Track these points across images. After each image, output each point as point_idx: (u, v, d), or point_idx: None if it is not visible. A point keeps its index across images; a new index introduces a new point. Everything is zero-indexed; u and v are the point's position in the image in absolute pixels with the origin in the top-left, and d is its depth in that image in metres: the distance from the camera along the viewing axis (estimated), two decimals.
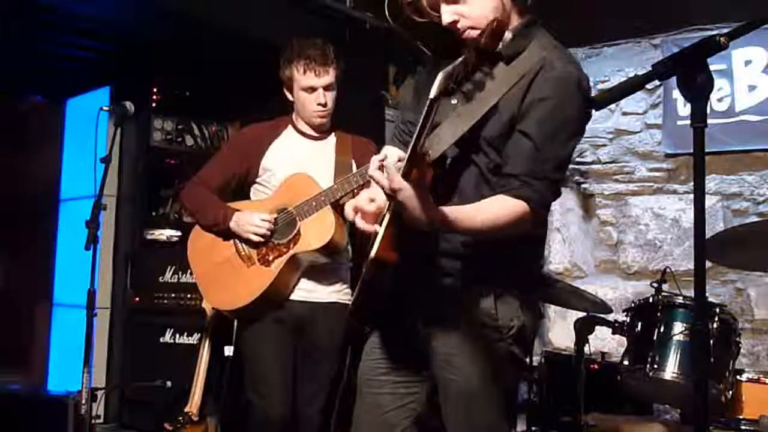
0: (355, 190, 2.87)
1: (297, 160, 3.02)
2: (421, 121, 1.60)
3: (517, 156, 1.82)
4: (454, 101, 1.91)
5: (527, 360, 2.00)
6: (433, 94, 1.57)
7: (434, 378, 1.96)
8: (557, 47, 1.92)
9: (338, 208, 2.89)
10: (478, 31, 1.89)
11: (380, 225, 1.77)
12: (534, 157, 1.80)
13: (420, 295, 1.94)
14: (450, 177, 1.88)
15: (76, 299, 4.36)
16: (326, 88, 2.99)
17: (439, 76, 1.59)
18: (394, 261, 1.76)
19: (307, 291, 2.98)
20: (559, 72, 1.83)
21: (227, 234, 2.98)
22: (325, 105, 3.00)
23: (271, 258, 2.94)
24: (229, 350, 3.12)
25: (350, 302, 3.04)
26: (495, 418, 1.91)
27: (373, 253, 1.75)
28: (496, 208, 1.80)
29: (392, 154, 1.87)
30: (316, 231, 2.89)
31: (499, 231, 1.79)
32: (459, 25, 1.90)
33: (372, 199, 1.88)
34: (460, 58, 1.62)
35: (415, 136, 1.62)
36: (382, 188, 1.70)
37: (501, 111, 1.85)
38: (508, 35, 1.91)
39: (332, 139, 3.11)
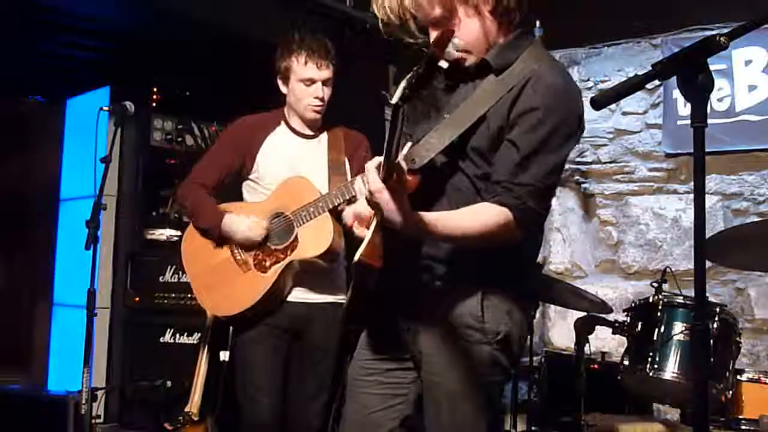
0: (354, 198, 2.87)
1: (290, 159, 3.01)
2: (389, 128, 1.61)
3: (501, 164, 1.83)
4: (445, 114, 1.93)
5: (511, 368, 1.98)
6: (394, 99, 1.58)
7: (421, 379, 1.97)
8: (548, 60, 1.93)
9: (336, 214, 2.89)
10: (465, 54, 1.91)
11: (367, 229, 1.81)
12: (517, 164, 1.81)
13: (408, 298, 1.95)
14: (438, 184, 1.89)
15: (76, 299, 4.36)
16: (324, 82, 2.98)
17: (402, 84, 1.59)
18: (377, 265, 1.79)
19: (303, 292, 2.97)
20: (547, 83, 1.84)
21: (221, 239, 2.98)
22: (322, 99, 2.98)
23: (267, 264, 2.92)
24: (224, 355, 3.12)
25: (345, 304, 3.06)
26: (472, 421, 1.91)
27: (356, 256, 1.78)
28: (479, 214, 1.80)
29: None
30: (315, 238, 2.87)
31: (482, 238, 1.80)
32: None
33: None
34: (415, 68, 1.64)
35: (386, 142, 1.62)
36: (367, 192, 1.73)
37: (489, 121, 1.86)
38: (495, 49, 1.93)
39: (324, 136, 3.09)
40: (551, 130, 1.82)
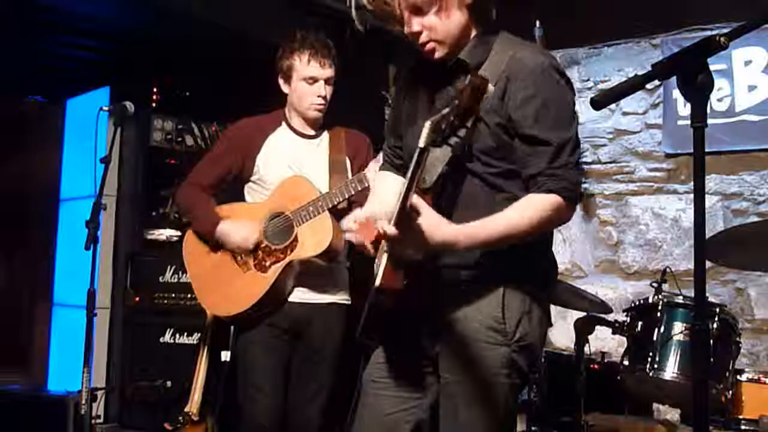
0: (353, 197, 2.87)
1: (291, 159, 3.01)
2: (411, 169, 1.61)
3: (531, 158, 1.85)
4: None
5: (529, 370, 1.98)
6: (422, 143, 1.59)
7: (438, 380, 1.96)
8: (519, 44, 1.93)
9: (336, 212, 2.89)
10: (438, 46, 1.90)
11: (381, 254, 1.79)
12: (547, 152, 1.83)
13: (427, 302, 1.93)
14: (450, 193, 1.89)
15: (76, 299, 4.36)
16: (327, 81, 2.98)
17: (427, 126, 1.60)
18: (397, 288, 1.78)
19: (304, 292, 2.97)
20: (532, 67, 1.85)
21: (216, 244, 2.99)
22: (324, 98, 2.99)
23: (267, 264, 2.92)
24: (226, 355, 3.12)
25: (347, 302, 3.06)
26: (488, 422, 1.91)
27: (377, 283, 1.77)
28: (529, 207, 1.81)
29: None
30: (314, 237, 2.87)
31: (538, 228, 1.81)
32: (422, 38, 1.91)
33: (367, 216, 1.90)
34: (446, 109, 1.63)
35: (407, 182, 1.62)
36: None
37: (486, 121, 1.85)
38: (465, 49, 1.93)
39: (325, 136, 3.09)
40: (559, 108, 1.85)
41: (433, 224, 1.69)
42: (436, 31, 1.90)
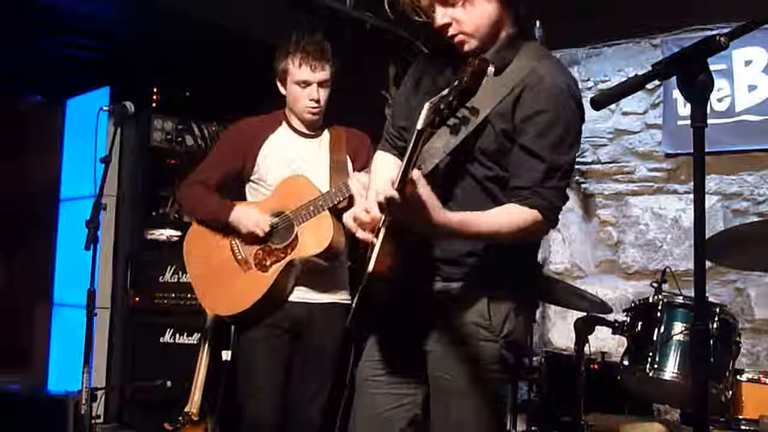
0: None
1: (292, 159, 3.01)
2: (409, 150, 1.62)
3: (523, 170, 1.85)
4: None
5: (516, 366, 2.01)
6: (420, 125, 1.59)
7: (428, 378, 1.98)
8: (545, 57, 1.93)
9: (336, 212, 2.89)
10: (467, 38, 1.90)
11: (376, 238, 1.80)
12: (540, 169, 1.83)
13: (417, 300, 1.95)
14: (444, 187, 1.89)
15: (76, 299, 4.36)
16: (320, 84, 2.97)
17: (426, 107, 1.60)
18: (390, 274, 1.79)
19: (304, 292, 2.97)
20: (550, 84, 1.85)
21: (225, 228, 2.97)
22: (318, 101, 2.98)
23: (268, 263, 2.92)
24: (226, 355, 3.12)
25: (348, 302, 3.06)
26: (479, 417, 1.93)
27: (369, 268, 1.78)
28: (511, 215, 1.83)
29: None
30: (315, 236, 2.87)
31: (513, 237, 1.83)
32: (451, 30, 1.91)
33: (368, 210, 1.88)
34: (445, 90, 1.63)
35: (404, 163, 1.63)
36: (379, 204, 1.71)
37: (493, 123, 1.86)
38: (493, 47, 1.92)
39: (326, 136, 3.09)
40: (564, 131, 1.85)
41: (432, 196, 1.68)
42: (463, 24, 1.89)
